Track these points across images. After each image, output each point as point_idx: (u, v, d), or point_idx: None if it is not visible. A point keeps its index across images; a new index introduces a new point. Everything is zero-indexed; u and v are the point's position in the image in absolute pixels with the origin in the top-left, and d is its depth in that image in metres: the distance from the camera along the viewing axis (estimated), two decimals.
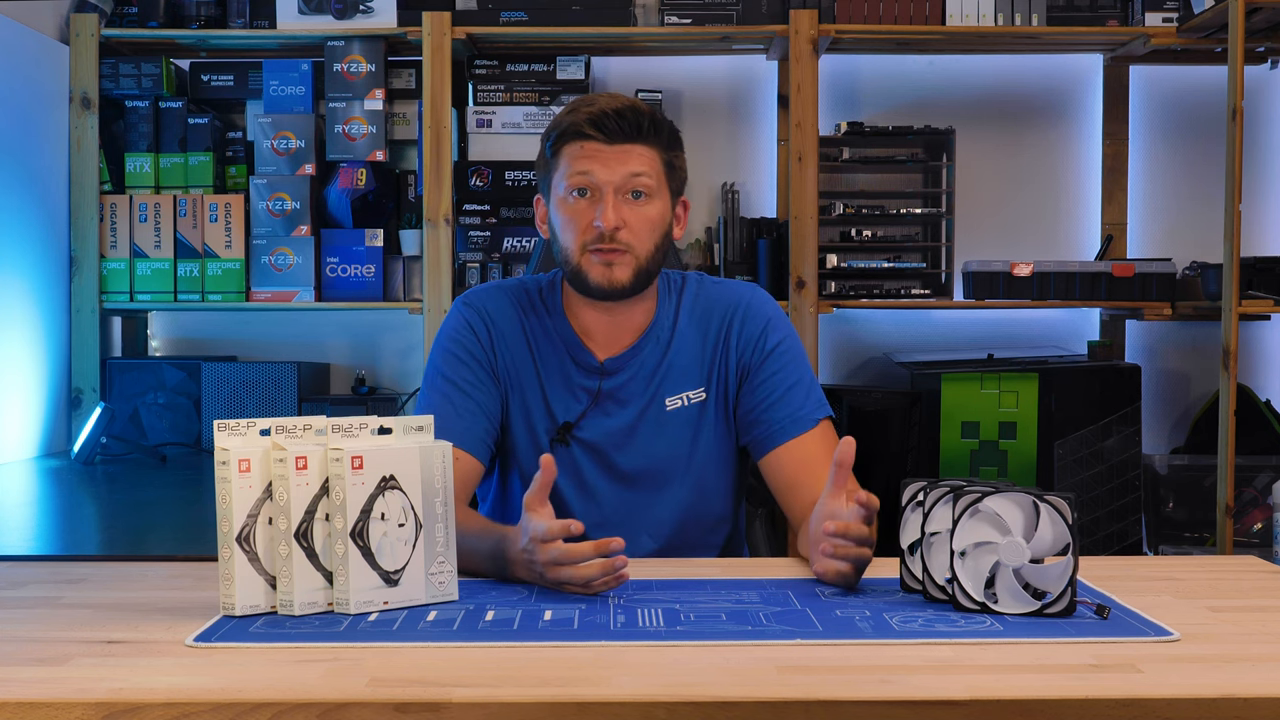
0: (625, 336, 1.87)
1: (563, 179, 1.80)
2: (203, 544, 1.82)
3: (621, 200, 1.78)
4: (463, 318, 1.89)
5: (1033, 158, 3.78)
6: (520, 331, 1.88)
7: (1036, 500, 1.38)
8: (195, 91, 3.58)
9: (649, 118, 1.80)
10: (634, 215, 1.78)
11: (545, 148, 1.83)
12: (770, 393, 1.86)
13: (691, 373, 1.88)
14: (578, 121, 1.78)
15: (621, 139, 1.78)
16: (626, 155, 1.78)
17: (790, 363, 1.88)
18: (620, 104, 1.79)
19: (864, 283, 3.52)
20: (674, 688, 1.13)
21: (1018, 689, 1.13)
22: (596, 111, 1.78)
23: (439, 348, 1.89)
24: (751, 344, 1.88)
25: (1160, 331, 3.78)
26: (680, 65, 3.73)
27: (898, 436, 3.43)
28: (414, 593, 1.43)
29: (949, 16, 3.43)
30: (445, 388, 1.84)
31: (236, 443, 1.39)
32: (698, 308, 1.91)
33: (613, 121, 1.77)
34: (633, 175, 1.78)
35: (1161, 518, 3.52)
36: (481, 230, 3.48)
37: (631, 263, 1.79)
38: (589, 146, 1.78)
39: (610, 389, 1.86)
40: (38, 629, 1.34)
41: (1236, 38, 3.07)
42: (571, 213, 1.79)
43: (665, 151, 1.82)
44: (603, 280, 1.79)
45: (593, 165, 1.77)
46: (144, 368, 3.48)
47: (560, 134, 1.80)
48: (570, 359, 1.87)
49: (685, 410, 1.88)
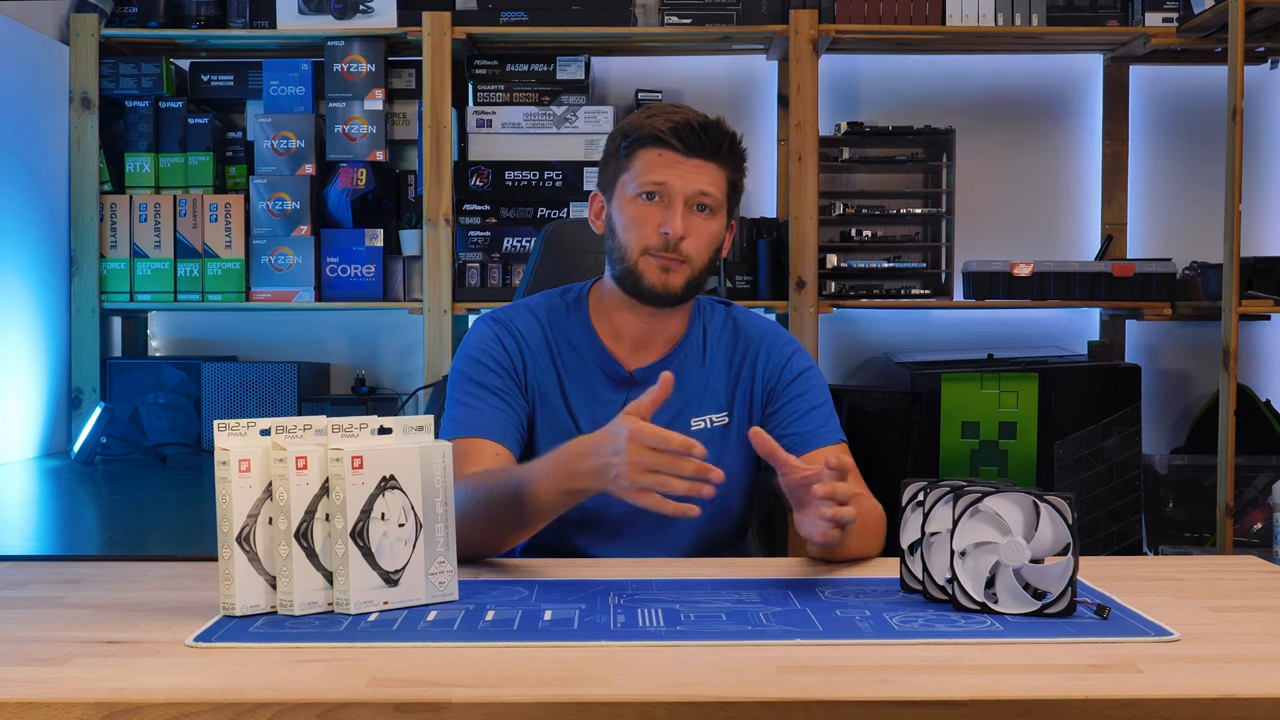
0: (656, 346, 1.89)
1: (634, 179, 1.82)
2: (203, 544, 1.82)
3: (688, 211, 1.81)
4: (491, 331, 1.89)
5: (1033, 158, 3.78)
6: (546, 348, 1.89)
7: (1036, 500, 1.38)
8: (195, 91, 3.58)
9: (729, 138, 1.83)
10: (698, 227, 1.81)
11: (619, 146, 1.85)
12: (795, 411, 1.89)
13: (717, 395, 1.90)
14: (660, 128, 1.80)
15: (699, 154, 1.80)
16: (700, 170, 1.81)
17: (813, 388, 1.92)
18: (703, 119, 1.82)
19: (864, 283, 3.52)
20: (674, 688, 1.13)
21: (1018, 689, 1.13)
22: (681, 121, 1.80)
23: (466, 359, 1.88)
24: (777, 370, 1.91)
25: (1160, 331, 3.78)
26: (680, 65, 3.73)
27: (898, 436, 3.43)
28: (414, 593, 1.43)
29: (949, 16, 3.43)
30: (477, 391, 1.84)
31: (236, 443, 1.39)
32: (725, 333, 1.94)
33: (695, 135, 1.80)
34: (702, 192, 1.81)
35: (1161, 518, 3.52)
36: (481, 230, 3.48)
37: (687, 273, 1.82)
38: (667, 155, 1.80)
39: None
40: (38, 629, 1.34)
41: (1236, 38, 3.07)
42: (639, 214, 1.82)
43: (733, 173, 1.85)
44: (658, 284, 1.81)
45: (669, 174, 1.80)
46: (144, 368, 3.48)
47: (640, 137, 1.82)
48: (599, 370, 1.88)
49: (709, 432, 1.88)
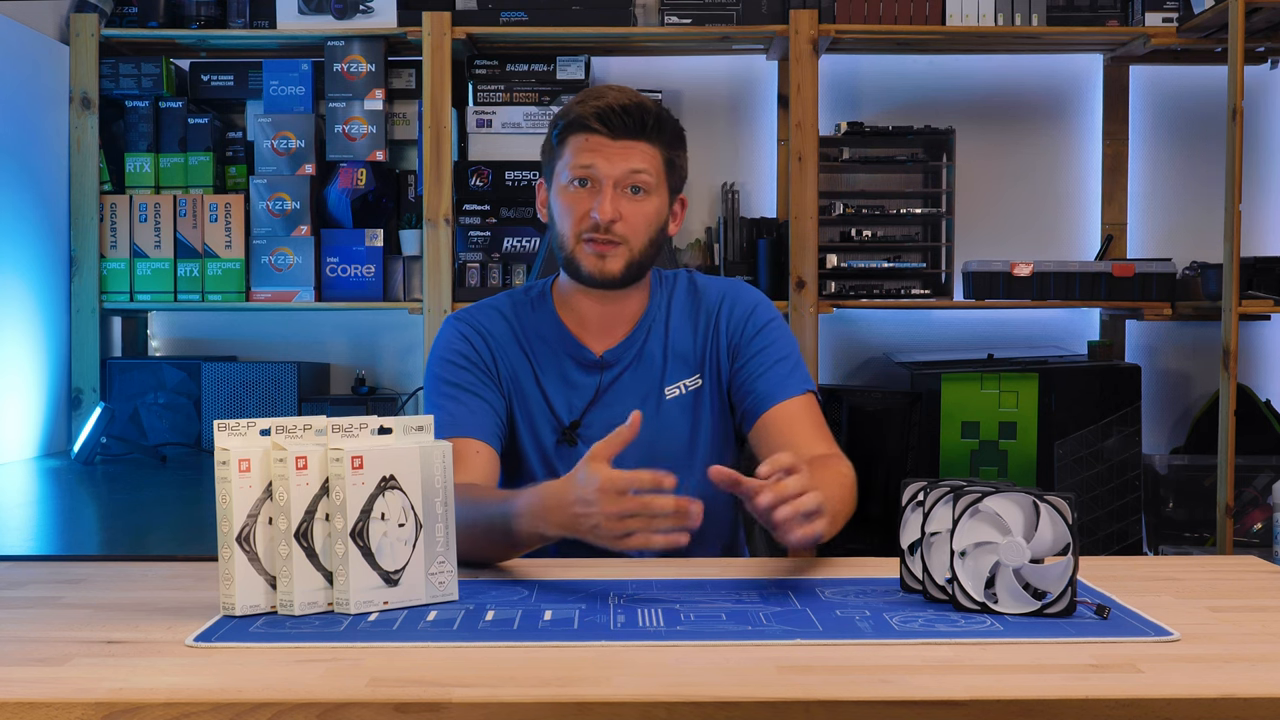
0: (620, 327, 1.91)
1: (565, 168, 1.84)
2: (203, 544, 1.82)
3: (620, 194, 1.82)
4: (457, 331, 1.91)
5: (1032, 158, 3.78)
6: (514, 338, 1.91)
7: (1036, 500, 1.38)
8: (195, 91, 3.58)
9: (654, 116, 1.84)
10: (631, 209, 1.83)
11: (551, 135, 1.87)
12: (758, 366, 1.90)
13: (687, 360, 1.92)
14: (584, 114, 1.82)
15: (625, 135, 1.82)
16: (629, 151, 1.82)
17: (777, 340, 1.92)
18: (627, 100, 1.83)
19: (864, 283, 3.52)
20: (674, 688, 1.13)
21: (1018, 689, 1.13)
22: (604, 106, 1.81)
23: (437, 359, 1.90)
24: (740, 325, 1.92)
25: (1160, 331, 3.78)
26: (680, 65, 3.73)
27: (898, 436, 3.43)
28: (414, 593, 1.43)
29: (949, 16, 3.43)
30: (452, 391, 1.86)
31: (236, 443, 1.39)
32: (689, 299, 1.95)
33: (618, 118, 1.81)
34: (633, 171, 1.82)
35: (1161, 518, 3.52)
36: (481, 230, 3.48)
37: (625, 255, 1.83)
38: (593, 140, 1.82)
39: (610, 381, 1.89)
40: (38, 629, 1.34)
41: (1236, 38, 3.07)
42: (570, 201, 1.84)
43: (667, 150, 1.86)
44: (595, 270, 1.83)
45: (595, 159, 1.81)
46: (144, 368, 3.48)
47: (567, 124, 1.84)
48: (568, 356, 1.90)
49: (683, 398, 1.91)
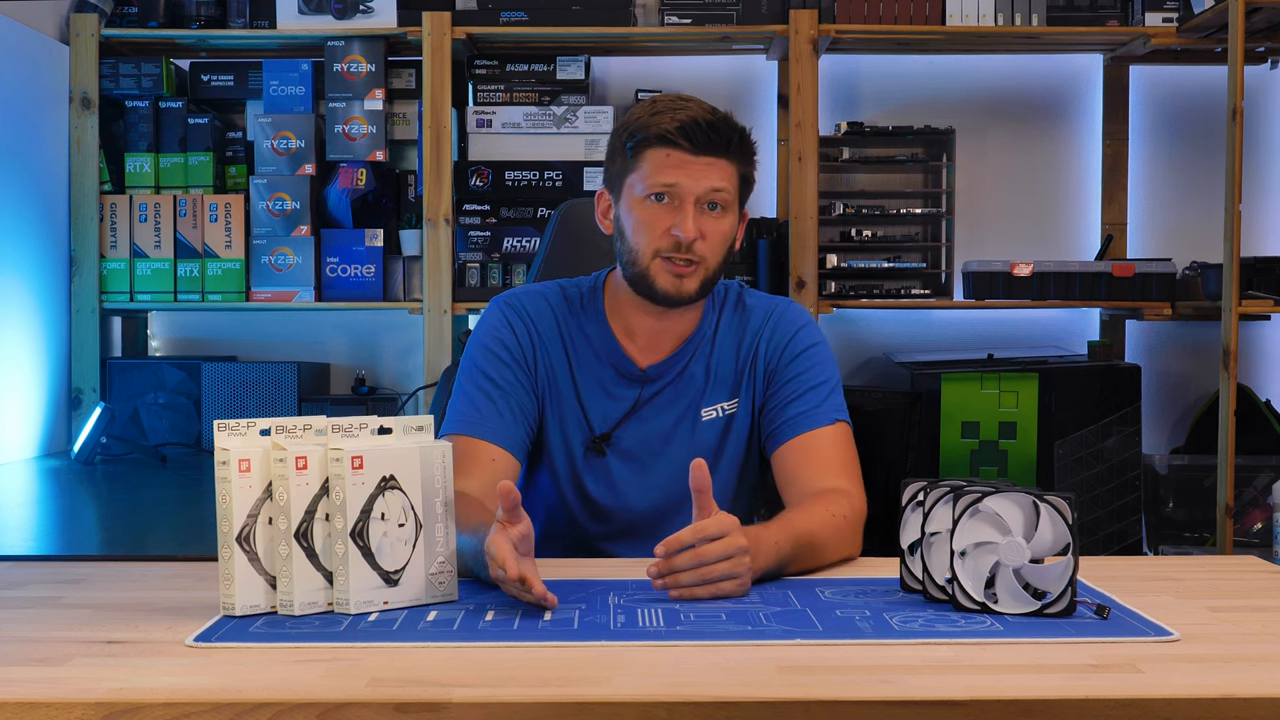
0: (668, 343, 1.86)
1: (642, 181, 1.76)
2: (203, 544, 1.82)
3: (700, 211, 1.76)
4: (504, 316, 1.86)
5: (1032, 158, 3.78)
6: (559, 337, 1.86)
7: (1036, 500, 1.38)
8: (195, 91, 3.58)
9: (738, 134, 1.78)
10: (710, 227, 1.76)
11: (625, 146, 1.79)
12: (789, 393, 1.85)
13: (727, 383, 1.88)
14: (668, 128, 1.75)
15: (709, 151, 1.75)
16: (711, 169, 1.76)
17: (813, 367, 1.86)
18: (711, 115, 1.77)
19: (864, 283, 3.52)
20: (674, 688, 1.13)
21: (1018, 689, 1.13)
22: (688, 120, 1.75)
23: (478, 344, 1.85)
24: (779, 350, 1.87)
25: (1160, 331, 3.78)
26: (680, 65, 3.73)
27: (898, 436, 3.43)
28: (414, 593, 1.43)
29: (949, 16, 3.43)
30: (485, 385, 1.82)
31: (236, 443, 1.39)
32: (735, 319, 1.90)
33: (704, 134, 1.74)
34: (714, 190, 1.76)
35: (1161, 518, 3.52)
36: (481, 230, 3.48)
37: (701, 274, 1.77)
38: (675, 154, 1.75)
39: (649, 396, 1.85)
40: (38, 629, 1.34)
41: (1236, 38, 3.07)
42: (649, 216, 1.76)
43: (744, 166, 1.80)
44: (671, 289, 1.77)
45: (679, 175, 1.74)
46: (144, 368, 3.48)
47: (646, 136, 1.76)
48: (610, 366, 1.85)
49: (717, 421, 1.87)
